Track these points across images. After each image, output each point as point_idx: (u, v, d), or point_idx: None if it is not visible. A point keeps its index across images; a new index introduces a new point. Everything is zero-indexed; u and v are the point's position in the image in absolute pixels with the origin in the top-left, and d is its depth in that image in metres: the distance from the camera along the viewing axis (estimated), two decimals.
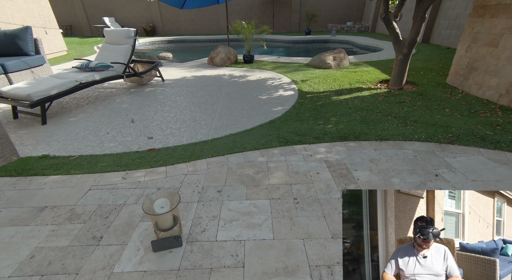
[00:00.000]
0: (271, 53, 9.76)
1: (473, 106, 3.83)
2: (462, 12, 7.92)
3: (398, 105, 4.00)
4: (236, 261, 1.59)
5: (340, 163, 2.56)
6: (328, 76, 5.78)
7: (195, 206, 2.04)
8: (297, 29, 15.75)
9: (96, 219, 1.93)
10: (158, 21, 15.97)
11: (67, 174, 2.49)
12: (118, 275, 1.52)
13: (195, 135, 3.39)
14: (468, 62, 4.43)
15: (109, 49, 5.00)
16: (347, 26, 14.30)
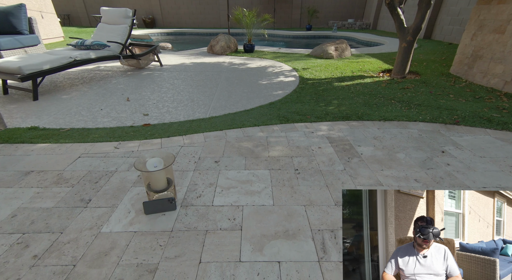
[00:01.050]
0: (272, 45, 9.65)
1: (477, 93, 3.75)
2: (465, 7, 7.87)
3: (401, 91, 3.92)
4: (233, 224, 1.48)
5: (343, 139, 2.46)
6: (329, 65, 5.69)
7: (190, 174, 1.93)
8: (298, 25, 15.66)
9: (85, 184, 1.81)
10: (158, 13, 15.78)
11: (56, 142, 2.36)
12: (106, 235, 1.40)
13: (193, 114, 3.28)
14: (473, 50, 4.36)
15: (106, 29, 4.86)
16: (348, 23, 14.24)
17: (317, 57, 6.51)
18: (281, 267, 1.23)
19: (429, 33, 9.36)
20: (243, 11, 6.79)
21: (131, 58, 4.90)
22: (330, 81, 4.53)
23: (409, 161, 2.10)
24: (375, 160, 2.11)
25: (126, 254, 1.29)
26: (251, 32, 6.94)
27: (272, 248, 1.33)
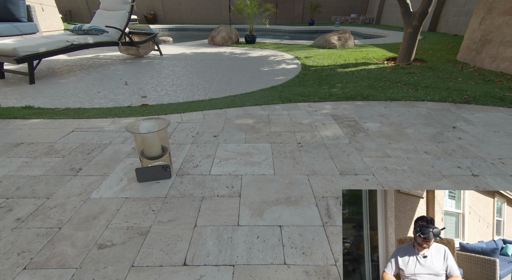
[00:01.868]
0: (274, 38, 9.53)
1: (487, 77, 3.63)
2: None
3: (407, 75, 3.80)
4: (232, 192, 1.38)
5: (348, 117, 2.35)
6: (332, 54, 5.58)
7: (188, 147, 1.84)
8: (301, 21, 15.53)
9: (77, 155, 1.72)
10: (159, 9, 15.73)
11: (49, 118, 2.28)
12: (96, 200, 1.31)
13: (192, 96, 3.19)
14: (482, 35, 4.23)
15: (104, 15, 4.78)
16: (351, 18, 14.09)
17: (319, 47, 6.39)
18: (282, 231, 1.13)
19: (434, 26, 9.21)
20: (245, 1, 6.69)
21: (130, 45, 4.81)
22: (333, 68, 4.42)
23: (418, 136, 1.99)
24: (382, 135, 2.01)
25: (116, 218, 1.20)
26: (253, 23, 6.84)
27: (273, 213, 1.23)
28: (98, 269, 0.97)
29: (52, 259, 1.00)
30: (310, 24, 13.55)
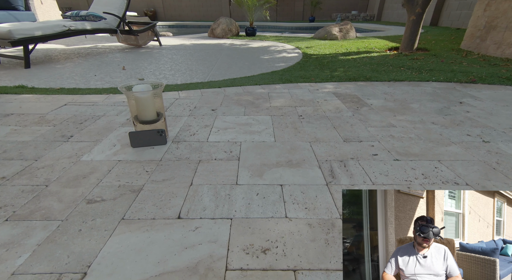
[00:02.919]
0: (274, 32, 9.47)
1: (492, 62, 3.56)
2: None
3: (410, 61, 3.73)
4: (230, 155, 1.31)
5: (350, 94, 2.28)
6: (334, 44, 5.51)
7: (185, 118, 1.77)
8: (301, 18, 15.47)
9: (69, 124, 1.65)
10: (159, 6, 15.68)
11: (42, 94, 2.21)
12: (86, 162, 1.24)
13: (190, 79, 3.12)
14: (486, 21, 4.16)
15: (102, 2, 4.71)
16: (352, 15, 14.02)
17: (321, 39, 6.33)
18: (283, 189, 1.06)
19: (436, 20, 9.14)
20: None
21: (128, 33, 4.75)
22: (335, 56, 4.35)
23: (424, 110, 1.92)
24: (386, 109, 1.94)
25: (108, 178, 1.13)
26: (253, 15, 6.78)
27: (273, 174, 1.16)
28: (85, 221, 0.90)
29: (37, 212, 0.93)
30: (310, 21, 13.50)
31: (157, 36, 5.45)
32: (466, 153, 1.33)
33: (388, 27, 9.30)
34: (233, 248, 0.80)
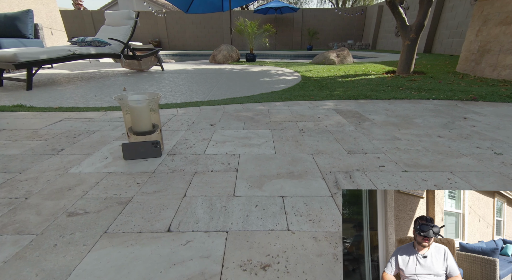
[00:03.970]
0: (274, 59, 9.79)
1: (490, 83, 3.58)
2: (463, 20, 8.02)
3: (408, 82, 3.77)
4: (228, 167, 1.23)
5: (351, 111, 2.25)
6: (332, 68, 5.64)
7: (182, 133, 1.71)
8: (299, 47, 16.12)
9: (61, 138, 1.59)
10: (164, 37, 16.44)
11: (39, 111, 2.18)
12: (74, 175, 1.16)
13: (190, 99, 3.12)
14: (479, 45, 4.28)
15: (108, 30, 4.90)
16: (348, 44, 14.61)
17: (319, 64, 6.50)
18: (285, 200, 0.97)
19: (429, 47, 9.48)
20: (245, 22, 6.94)
21: (132, 58, 4.87)
22: (334, 78, 4.42)
23: (428, 124, 1.87)
24: (389, 124, 1.88)
25: (94, 190, 1.04)
26: (253, 42, 7.03)
27: (273, 186, 1.08)
28: (63, 235, 0.80)
29: (9, 226, 0.84)
30: (308, 49, 14.04)
31: (159, 61, 5.60)
32: (479, 165, 1.25)
33: (383, 54, 9.63)
34: (229, 264, 0.69)
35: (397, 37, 11.75)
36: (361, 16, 15.08)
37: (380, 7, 13.18)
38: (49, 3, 9.09)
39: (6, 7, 7.34)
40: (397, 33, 11.71)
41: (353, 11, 15.21)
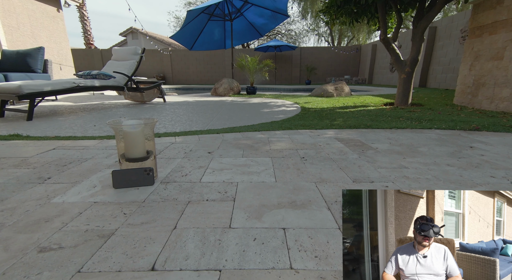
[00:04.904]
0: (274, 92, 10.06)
1: (489, 114, 3.59)
2: (454, 57, 8.39)
3: (408, 112, 3.78)
4: (225, 196, 1.14)
5: (353, 139, 2.20)
6: (331, 100, 5.73)
7: (178, 160, 1.64)
8: (298, 82, 16.71)
9: (50, 166, 1.52)
10: (168, 72, 17.13)
11: (34, 140, 2.13)
12: (56, 204, 1.06)
13: (190, 128, 3.10)
14: (474, 79, 4.38)
15: (114, 64, 5.08)
16: (345, 79, 15.16)
17: (317, 96, 6.63)
18: (287, 233, 0.87)
19: (424, 82, 9.79)
20: (246, 58, 7.25)
21: (135, 90, 4.98)
22: (333, 109, 4.46)
23: (434, 153, 1.80)
24: (393, 152, 1.82)
25: (75, 221, 0.94)
26: (253, 76, 7.27)
27: (274, 216, 0.97)
28: (28, 275, 0.69)
29: None
30: (307, 84, 14.53)
31: (162, 94, 5.72)
32: None
33: (379, 88, 9.91)
34: None
35: (392, 73, 12.21)
36: (356, 53, 15.87)
37: (374, 46, 13.92)
38: (61, 42, 9.62)
39: (21, 46, 7.75)
40: (392, 69, 12.20)
41: (348, 50, 16.05)
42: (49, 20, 8.98)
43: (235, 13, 7.75)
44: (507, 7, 3.86)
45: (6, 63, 5.38)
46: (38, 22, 8.52)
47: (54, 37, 9.17)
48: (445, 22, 8.92)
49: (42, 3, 8.57)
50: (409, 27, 17.52)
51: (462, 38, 8.01)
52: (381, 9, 4.52)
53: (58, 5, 9.23)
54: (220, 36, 9.04)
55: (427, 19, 4.25)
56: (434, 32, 9.34)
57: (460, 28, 8.14)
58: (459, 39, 8.15)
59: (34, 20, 8.35)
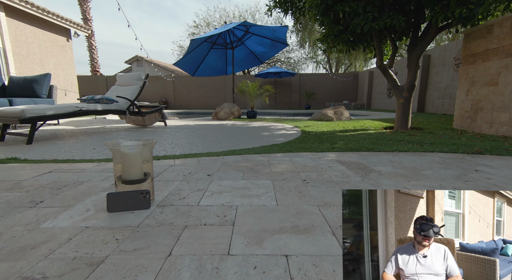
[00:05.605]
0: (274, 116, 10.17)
1: (490, 138, 3.58)
2: (450, 83, 8.59)
3: (408, 136, 3.78)
4: (223, 220, 1.08)
5: (355, 162, 2.16)
6: (331, 124, 5.77)
7: (176, 183, 1.59)
8: (298, 106, 16.98)
9: (44, 190, 1.47)
10: (171, 97, 17.49)
11: (31, 163, 2.10)
12: (45, 230, 1.01)
13: (190, 151, 3.07)
14: (472, 104, 4.44)
15: (117, 90, 5.19)
16: (343, 104, 15.42)
17: (317, 120, 6.69)
18: (289, 261, 0.80)
19: (422, 107, 9.93)
20: (247, 83, 7.43)
21: (137, 114, 5.04)
22: (333, 132, 4.46)
23: (439, 176, 1.75)
24: (397, 175, 1.77)
25: (64, 248, 0.88)
26: (254, 101, 7.40)
27: (276, 242, 0.91)
28: None
29: None
30: (306, 108, 14.75)
31: (163, 118, 5.77)
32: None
33: (378, 113, 10.03)
34: None
35: (389, 98, 12.45)
36: (354, 80, 16.31)
37: (371, 72, 14.35)
38: (68, 69, 9.94)
39: (29, 72, 8.01)
40: (389, 94, 12.46)
41: (346, 76, 16.52)
42: (58, 48, 9.35)
43: (236, 42, 8.08)
44: (497, 37, 4.01)
45: (13, 89, 5.51)
46: (47, 51, 8.87)
47: (61, 64, 9.50)
48: (438, 50, 9.26)
49: (53, 33, 8.99)
50: (403, 56, 18.19)
51: (456, 65, 8.26)
52: (376, 37, 4.71)
53: (68, 35, 9.68)
54: (221, 63, 9.36)
55: (421, 47, 4.41)
56: (428, 59, 9.66)
57: (453, 56, 8.43)
58: (453, 66, 8.40)
59: (44, 49, 8.70)
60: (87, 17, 15.84)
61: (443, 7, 3.69)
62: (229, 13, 21.54)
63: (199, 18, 27.32)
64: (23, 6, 7.38)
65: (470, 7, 3.39)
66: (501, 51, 3.93)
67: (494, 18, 4.11)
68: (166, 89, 17.35)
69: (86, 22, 15.81)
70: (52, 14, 8.59)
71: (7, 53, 7.29)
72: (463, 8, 3.38)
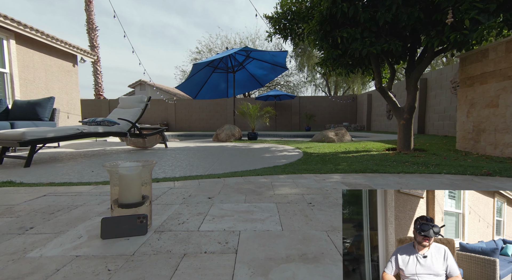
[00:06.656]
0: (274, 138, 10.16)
1: (496, 159, 3.52)
2: (448, 105, 8.68)
3: (412, 157, 3.72)
4: (225, 248, 1.00)
5: (361, 184, 2.09)
6: (332, 145, 5.73)
7: (176, 206, 1.52)
8: (298, 128, 17.08)
9: (36, 215, 1.40)
10: (172, 120, 17.66)
11: (26, 186, 2.03)
12: (31, 260, 0.93)
13: (190, 173, 3.00)
14: (473, 125, 4.43)
15: (119, 112, 5.23)
16: (343, 126, 15.51)
17: (318, 141, 6.66)
18: None
19: (422, 129, 9.95)
20: (248, 105, 7.51)
21: (138, 136, 5.02)
22: (335, 154, 4.41)
23: None
24: None
25: None
26: (254, 122, 7.43)
27: (283, 272, 0.83)
28: None
29: None
30: (307, 130, 14.82)
31: (164, 140, 5.76)
32: None
33: (378, 134, 10.04)
34: None
35: (389, 120, 12.53)
36: (353, 102, 16.55)
37: (369, 95, 14.59)
38: (71, 93, 10.12)
39: (33, 96, 8.14)
40: (389, 116, 12.56)
41: (345, 99, 16.79)
42: (63, 73, 9.59)
43: (237, 66, 8.30)
44: (493, 60, 4.10)
45: (16, 112, 5.55)
46: (53, 76, 9.08)
47: (66, 88, 9.68)
48: (435, 74, 9.47)
49: (59, 59, 9.27)
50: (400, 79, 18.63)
51: (453, 88, 8.39)
52: (374, 61, 4.82)
53: (74, 60, 9.98)
54: (223, 86, 9.54)
55: (419, 70, 4.49)
56: (425, 83, 9.85)
57: (450, 79, 8.60)
58: (451, 89, 8.54)
59: (50, 74, 8.92)
60: (94, 44, 16.49)
61: (438, 33, 3.81)
62: (231, 40, 22.42)
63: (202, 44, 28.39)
64: (33, 34, 7.67)
65: (464, 32, 3.49)
66: (498, 74, 3.99)
67: (488, 43, 4.22)
68: (168, 111, 17.56)
69: (93, 49, 16.44)
70: (61, 41, 8.91)
71: (14, 78, 7.45)
72: (457, 33, 3.48)
